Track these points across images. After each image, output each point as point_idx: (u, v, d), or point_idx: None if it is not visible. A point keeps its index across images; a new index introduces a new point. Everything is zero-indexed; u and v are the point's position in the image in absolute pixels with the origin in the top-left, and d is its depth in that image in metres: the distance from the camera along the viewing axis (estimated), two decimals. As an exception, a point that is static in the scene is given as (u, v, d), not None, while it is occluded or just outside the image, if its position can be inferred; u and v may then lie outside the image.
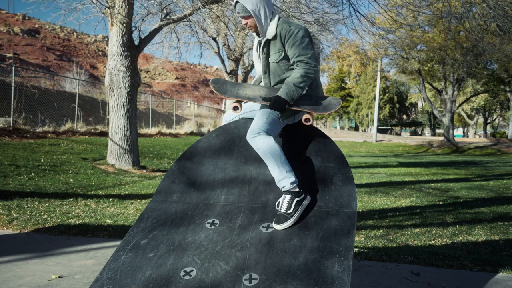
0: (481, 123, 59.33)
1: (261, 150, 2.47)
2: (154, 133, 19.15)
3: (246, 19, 2.59)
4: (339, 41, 16.97)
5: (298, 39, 2.53)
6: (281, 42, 2.58)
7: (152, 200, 2.66)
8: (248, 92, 2.67)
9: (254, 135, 2.49)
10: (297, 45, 2.53)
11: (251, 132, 2.51)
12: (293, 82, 2.51)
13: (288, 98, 2.50)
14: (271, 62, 2.66)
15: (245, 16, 2.57)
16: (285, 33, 2.55)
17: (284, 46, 2.59)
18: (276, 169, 2.47)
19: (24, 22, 58.36)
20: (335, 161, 2.63)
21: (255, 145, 2.49)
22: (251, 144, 2.53)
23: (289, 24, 2.57)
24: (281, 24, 2.57)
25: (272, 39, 2.61)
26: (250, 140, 2.52)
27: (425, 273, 3.29)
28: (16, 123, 12.01)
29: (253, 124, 2.54)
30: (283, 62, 2.63)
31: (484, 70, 30.38)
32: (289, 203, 2.36)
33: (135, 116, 9.60)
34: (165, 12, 10.05)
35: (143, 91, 38.88)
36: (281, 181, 2.46)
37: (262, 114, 2.57)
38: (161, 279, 2.10)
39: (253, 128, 2.52)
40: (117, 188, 7.29)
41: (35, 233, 4.38)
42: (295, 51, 2.54)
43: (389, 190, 8.09)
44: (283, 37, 2.56)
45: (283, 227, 2.30)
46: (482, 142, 32.13)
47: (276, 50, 2.61)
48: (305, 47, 2.55)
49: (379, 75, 33.89)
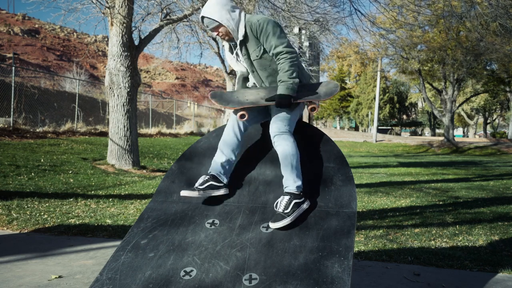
0: (481, 123, 59.33)
1: (285, 150, 2.48)
2: (154, 133, 19.15)
3: (217, 30, 2.59)
4: (339, 41, 16.95)
5: (270, 31, 2.55)
6: (255, 38, 2.60)
7: (152, 200, 2.66)
8: (249, 97, 2.67)
9: (281, 133, 2.52)
10: (271, 37, 2.54)
11: (278, 130, 2.53)
12: (286, 76, 2.53)
13: (290, 92, 2.53)
14: (254, 60, 2.67)
15: (215, 27, 2.58)
16: (255, 29, 2.57)
17: (259, 41, 2.60)
18: (288, 169, 2.47)
19: (24, 22, 58.36)
20: (335, 161, 2.63)
21: (281, 144, 2.51)
22: (276, 142, 2.53)
23: (256, 19, 2.58)
24: (248, 21, 2.59)
25: (245, 40, 2.62)
26: (277, 138, 2.52)
27: (425, 273, 3.29)
28: (16, 123, 12.01)
29: (278, 123, 2.55)
30: (266, 56, 2.64)
31: (484, 70, 30.39)
32: (287, 203, 2.36)
33: (135, 116, 9.60)
34: (165, 12, 10.05)
35: (143, 91, 38.88)
36: (288, 181, 2.46)
37: (282, 113, 2.58)
38: (161, 279, 2.10)
39: (279, 126, 2.54)
40: (117, 188, 7.29)
41: (35, 233, 4.38)
42: (271, 43, 2.55)
43: (389, 190, 8.09)
44: (255, 32, 2.58)
45: (278, 225, 2.28)
46: (482, 142, 32.14)
47: (255, 47, 2.62)
48: (279, 36, 2.55)
49: (379, 75, 33.89)
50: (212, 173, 2.55)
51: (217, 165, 2.57)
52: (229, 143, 2.61)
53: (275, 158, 2.73)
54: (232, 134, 2.62)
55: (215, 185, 2.51)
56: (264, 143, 2.83)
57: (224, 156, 2.59)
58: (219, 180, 2.54)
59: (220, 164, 2.57)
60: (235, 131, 2.63)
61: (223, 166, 2.57)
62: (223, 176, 2.56)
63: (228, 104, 2.63)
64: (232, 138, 2.62)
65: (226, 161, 2.58)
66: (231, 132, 2.63)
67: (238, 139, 2.62)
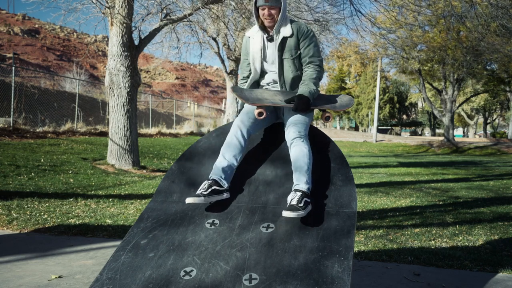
0: (481, 123, 59.33)
1: (305, 153, 2.51)
2: (154, 133, 19.14)
3: (273, 9, 2.65)
4: (339, 41, 16.96)
5: (314, 41, 2.73)
6: (297, 40, 2.70)
7: (152, 200, 2.66)
8: (267, 97, 2.68)
9: (302, 136, 2.57)
10: (313, 46, 2.72)
11: (299, 133, 2.56)
12: (312, 82, 2.66)
13: (311, 96, 2.62)
14: (286, 58, 2.72)
15: (273, 6, 2.64)
16: (302, 32, 2.69)
17: (299, 44, 2.71)
18: (304, 170, 2.47)
19: (24, 22, 58.36)
20: (335, 161, 2.63)
21: (301, 146, 2.53)
22: (296, 143, 2.54)
23: (304, 24, 2.74)
24: (296, 24, 2.73)
25: (289, 37, 2.70)
26: (297, 141, 2.54)
27: (425, 273, 3.29)
28: (16, 123, 12.01)
29: (299, 125, 2.58)
30: (297, 60, 2.73)
31: (484, 70, 30.38)
32: (299, 199, 2.35)
33: (135, 116, 9.60)
34: (165, 12, 10.04)
35: (143, 91, 38.88)
36: (299, 180, 2.45)
37: (301, 117, 2.62)
38: (161, 279, 2.10)
39: (300, 130, 2.58)
40: (117, 188, 7.29)
41: (35, 233, 4.38)
42: (310, 51, 2.71)
43: (389, 190, 8.09)
44: (300, 35, 2.70)
45: (292, 215, 2.26)
46: (482, 142, 32.13)
47: (292, 47, 2.71)
48: (318, 50, 2.76)
49: (379, 75, 33.89)
50: (214, 177, 2.53)
51: (218, 170, 2.55)
52: (232, 148, 2.60)
53: (275, 158, 2.73)
54: (235, 140, 2.61)
55: (218, 190, 2.50)
56: (264, 144, 2.84)
57: (226, 161, 2.58)
58: (221, 184, 2.52)
59: (221, 169, 2.55)
60: (238, 137, 2.62)
61: (224, 171, 2.55)
62: (224, 181, 2.54)
63: (248, 100, 2.62)
64: (235, 143, 2.61)
65: (228, 166, 2.57)
66: (234, 137, 2.62)
67: (241, 144, 2.61)
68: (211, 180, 2.52)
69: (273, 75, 2.81)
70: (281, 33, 2.69)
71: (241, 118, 2.69)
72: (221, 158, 2.60)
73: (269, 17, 2.67)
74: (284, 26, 2.70)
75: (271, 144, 2.82)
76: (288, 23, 2.71)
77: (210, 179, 2.53)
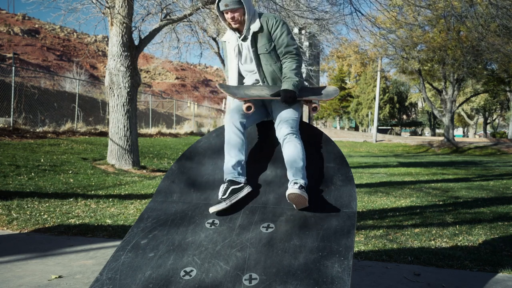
0: (481, 123, 59.31)
1: (299, 149, 2.53)
2: (154, 133, 19.14)
3: (234, 12, 2.64)
4: (339, 41, 16.94)
5: (285, 30, 2.68)
6: (269, 33, 2.69)
7: (152, 200, 2.66)
8: (254, 92, 2.70)
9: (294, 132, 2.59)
10: (285, 35, 2.68)
11: (291, 129, 2.58)
12: (292, 73, 2.64)
13: (296, 89, 2.61)
14: (262, 53, 2.71)
15: (234, 8, 2.62)
16: (272, 24, 2.67)
17: (271, 36, 2.69)
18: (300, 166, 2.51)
19: (24, 22, 58.36)
20: (335, 161, 2.63)
21: (294, 142, 2.55)
22: (288, 139, 2.56)
23: (273, 16, 2.71)
24: (265, 16, 2.71)
25: (259, 31, 2.69)
26: (290, 137, 2.56)
27: (425, 273, 3.29)
28: (16, 123, 12.01)
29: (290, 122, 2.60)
30: (273, 52, 2.72)
31: (484, 70, 30.38)
32: (300, 187, 2.42)
33: (135, 116, 9.60)
34: (165, 12, 10.04)
35: (143, 91, 38.88)
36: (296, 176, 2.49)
37: (291, 113, 2.63)
38: (161, 279, 2.10)
39: (293, 125, 2.60)
40: (117, 188, 7.29)
41: (35, 233, 4.38)
42: (284, 40, 2.68)
43: (389, 190, 8.09)
44: (271, 27, 2.68)
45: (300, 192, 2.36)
46: (482, 142, 32.14)
47: (265, 41, 2.70)
48: (292, 37, 2.71)
49: (379, 75, 33.89)
50: (229, 178, 2.55)
51: (229, 169, 2.57)
52: (234, 144, 2.61)
53: (275, 158, 2.73)
54: (234, 135, 2.63)
55: (237, 188, 2.52)
56: (264, 144, 2.84)
57: (233, 158, 2.59)
58: (238, 182, 2.54)
59: (231, 167, 2.57)
60: (235, 132, 2.63)
61: (235, 168, 2.57)
62: (240, 177, 2.56)
63: (236, 95, 2.64)
64: (235, 139, 2.62)
65: (237, 163, 2.59)
66: (232, 134, 2.63)
67: (241, 138, 2.63)
68: (227, 181, 2.54)
69: (254, 76, 2.82)
70: (251, 29, 2.70)
71: (231, 115, 2.70)
72: (228, 157, 2.61)
73: (232, 20, 2.66)
74: (253, 22, 2.69)
75: (270, 144, 2.82)
76: (256, 18, 2.69)
77: (225, 181, 2.56)
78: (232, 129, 2.64)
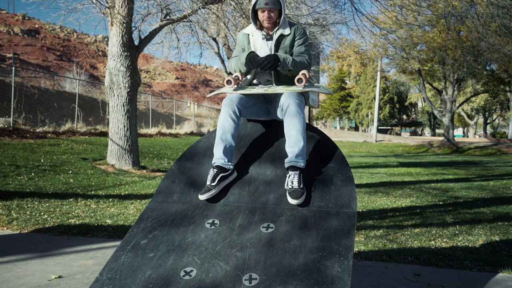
0: (481, 123, 59.32)
1: (302, 122, 2.56)
2: (154, 133, 19.15)
3: (273, 12, 2.76)
4: (339, 41, 16.95)
5: (307, 41, 2.91)
6: (293, 39, 2.85)
7: (152, 200, 2.66)
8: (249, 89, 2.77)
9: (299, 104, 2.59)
10: (305, 45, 2.88)
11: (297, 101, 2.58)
12: (293, 57, 2.77)
13: (282, 59, 2.69)
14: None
15: (273, 8, 2.74)
16: (299, 32, 2.86)
17: (294, 44, 2.85)
18: (301, 144, 2.53)
19: (24, 22, 58.36)
20: (335, 161, 2.63)
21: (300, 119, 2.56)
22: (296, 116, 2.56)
23: (302, 27, 2.95)
24: (295, 25, 2.91)
25: (287, 35, 2.84)
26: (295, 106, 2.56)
27: (425, 273, 3.29)
28: (16, 123, 12.01)
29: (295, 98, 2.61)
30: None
31: (484, 70, 30.39)
32: (299, 179, 2.46)
33: (135, 116, 9.60)
34: (165, 12, 10.04)
35: (143, 91, 38.89)
36: (298, 157, 2.51)
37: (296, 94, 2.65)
38: (161, 279, 2.10)
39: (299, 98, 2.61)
40: (117, 188, 7.29)
41: (35, 233, 4.38)
42: (302, 49, 2.85)
43: (389, 190, 8.09)
44: (297, 35, 2.85)
45: (301, 201, 2.38)
46: (482, 142, 32.14)
47: (288, 45, 2.83)
48: (309, 50, 2.90)
49: (379, 75, 33.89)
50: (218, 164, 2.60)
51: (220, 155, 2.62)
52: (227, 128, 2.64)
53: (275, 158, 2.73)
54: (229, 119, 2.64)
55: (225, 175, 2.59)
56: (264, 143, 2.83)
57: (224, 143, 2.63)
58: (227, 169, 2.60)
59: (222, 153, 2.62)
60: (231, 116, 2.65)
61: (225, 154, 2.62)
62: (228, 164, 2.61)
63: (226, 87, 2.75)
64: (230, 122, 2.64)
65: (228, 148, 2.63)
66: (228, 116, 2.65)
67: (235, 122, 2.66)
68: (215, 167, 2.59)
69: (265, 75, 2.87)
70: (280, 31, 2.82)
71: (230, 98, 2.72)
72: (219, 141, 2.65)
73: (268, 19, 2.77)
74: (285, 26, 2.84)
75: (271, 144, 2.82)
76: (287, 23, 2.86)
77: (214, 165, 2.60)
78: (228, 113, 2.66)
